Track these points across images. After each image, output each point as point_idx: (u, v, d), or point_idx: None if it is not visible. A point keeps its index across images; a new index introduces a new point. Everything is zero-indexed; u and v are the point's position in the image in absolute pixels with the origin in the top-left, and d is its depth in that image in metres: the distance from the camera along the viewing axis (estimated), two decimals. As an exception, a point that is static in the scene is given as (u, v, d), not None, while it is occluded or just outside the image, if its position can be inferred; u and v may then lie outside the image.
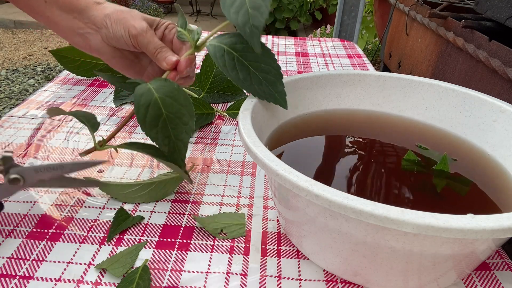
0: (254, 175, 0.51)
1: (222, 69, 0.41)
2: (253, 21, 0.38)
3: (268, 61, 0.41)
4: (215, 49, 0.42)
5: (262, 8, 0.38)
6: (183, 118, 0.41)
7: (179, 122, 0.41)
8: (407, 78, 0.49)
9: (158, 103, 0.40)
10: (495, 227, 0.25)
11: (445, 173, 0.39)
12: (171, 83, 0.41)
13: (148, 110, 0.39)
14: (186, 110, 0.41)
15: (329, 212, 0.30)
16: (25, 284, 0.34)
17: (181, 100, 0.40)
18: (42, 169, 0.38)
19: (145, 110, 0.39)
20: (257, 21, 0.38)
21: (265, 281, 0.36)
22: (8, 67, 2.68)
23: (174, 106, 0.40)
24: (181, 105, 0.40)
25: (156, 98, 0.40)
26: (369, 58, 1.87)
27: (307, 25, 3.94)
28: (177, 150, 0.41)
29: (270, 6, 0.39)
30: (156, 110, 0.40)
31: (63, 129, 0.59)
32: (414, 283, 0.33)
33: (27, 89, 2.37)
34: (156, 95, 0.40)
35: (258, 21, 0.38)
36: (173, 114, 0.40)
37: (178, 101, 0.40)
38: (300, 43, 1.10)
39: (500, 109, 0.42)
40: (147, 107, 0.39)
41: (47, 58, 2.89)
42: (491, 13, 0.78)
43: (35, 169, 0.38)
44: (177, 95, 0.40)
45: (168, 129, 0.40)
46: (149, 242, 0.40)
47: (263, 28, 0.38)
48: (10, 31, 3.50)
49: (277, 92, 0.41)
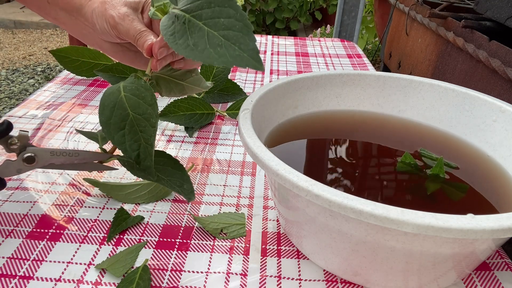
0: (254, 175, 0.51)
1: (169, 41, 0.33)
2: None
3: (230, 12, 0.32)
4: (166, 19, 0.34)
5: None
6: (150, 119, 0.35)
7: (147, 124, 0.35)
8: (407, 78, 0.49)
9: (123, 102, 0.35)
10: (495, 227, 0.25)
11: (440, 178, 0.39)
12: (138, 80, 0.36)
13: (114, 111, 0.35)
14: (153, 110, 0.35)
15: (329, 212, 0.30)
16: (25, 284, 0.34)
17: (148, 99, 0.35)
18: (57, 153, 0.38)
19: (110, 111, 0.35)
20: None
21: (265, 281, 0.36)
22: (8, 67, 2.68)
23: (141, 106, 0.35)
24: (149, 105, 0.35)
25: (122, 97, 0.35)
26: (369, 58, 1.87)
27: (307, 25, 3.94)
28: (148, 156, 0.36)
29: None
30: (122, 110, 0.35)
31: (63, 129, 0.59)
32: (414, 283, 0.33)
33: (27, 89, 2.37)
34: (123, 94, 0.35)
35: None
36: (140, 115, 0.35)
37: (145, 100, 0.35)
38: (300, 43, 1.10)
39: (500, 109, 0.42)
40: (112, 108, 0.35)
41: (47, 58, 2.89)
42: (491, 13, 0.78)
43: (51, 152, 0.38)
44: (144, 94, 0.35)
45: (137, 132, 0.35)
46: (149, 242, 0.40)
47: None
48: (10, 31, 3.50)
49: (246, 50, 0.31)
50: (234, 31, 0.31)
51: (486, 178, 0.40)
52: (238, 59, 0.31)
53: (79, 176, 0.49)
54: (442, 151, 0.45)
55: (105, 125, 0.35)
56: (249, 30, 0.31)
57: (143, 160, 0.36)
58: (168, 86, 0.42)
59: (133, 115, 0.35)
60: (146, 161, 0.36)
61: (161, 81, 0.41)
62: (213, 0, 0.32)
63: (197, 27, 0.32)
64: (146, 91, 0.35)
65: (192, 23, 0.32)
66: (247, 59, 0.30)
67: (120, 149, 0.36)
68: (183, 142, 0.58)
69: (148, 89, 0.36)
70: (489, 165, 0.41)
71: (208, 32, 0.31)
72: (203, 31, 0.32)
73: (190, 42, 0.32)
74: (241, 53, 0.31)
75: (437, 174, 0.39)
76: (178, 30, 0.33)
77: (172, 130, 0.61)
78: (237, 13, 0.31)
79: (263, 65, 0.30)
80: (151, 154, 0.36)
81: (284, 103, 0.46)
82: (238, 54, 0.31)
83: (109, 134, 0.35)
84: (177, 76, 0.41)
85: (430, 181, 0.39)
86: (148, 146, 0.36)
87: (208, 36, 0.31)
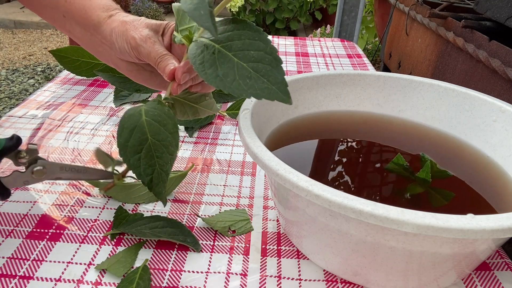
0: (254, 175, 0.51)
1: (198, 70, 0.33)
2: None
3: (260, 46, 0.32)
4: (194, 47, 0.35)
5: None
6: (169, 147, 0.36)
7: (165, 151, 0.36)
8: (407, 78, 0.49)
9: (144, 127, 0.35)
10: (495, 227, 0.25)
11: (426, 182, 0.39)
12: (162, 107, 0.37)
13: (132, 134, 0.35)
14: (173, 139, 0.36)
15: (329, 212, 0.30)
16: (25, 284, 0.34)
17: (170, 127, 0.36)
18: (66, 168, 0.39)
19: (128, 133, 0.35)
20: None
21: (265, 281, 0.36)
22: (8, 67, 2.68)
23: (161, 132, 0.36)
24: (169, 133, 0.36)
25: (143, 121, 0.35)
26: (369, 58, 1.87)
27: (307, 25, 3.94)
28: (161, 183, 0.36)
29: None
30: (141, 134, 0.35)
31: (63, 129, 0.59)
32: (414, 283, 0.33)
33: (27, 89, 2.37)
34: (144, 118, 0.36)
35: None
36: (159, 141, 0.36)
37: (166, 128, 0.36)
38: (300, 43, 1.10)
39: (500, 109, 0.42)
40: (131, 130, 0.35)
41: (47, 58, 2.89)
42: (491, 13, 0.78)
43: (60, 167, 0.39)
44: (166, 121, 0.36)
45: (153, 158, 0.36)
46: (149, 242, 0.40)
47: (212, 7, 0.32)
48: (10, 31, 3.50)
49: (274, 83, 0.31)
50: (264, 64, 0.32)
51: (486, 178, 0.40)
52: (266, 92, 0.31)
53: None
54: (442, 151, 0.45)
55: (122, 147, 0.35)
56: (278, 63, 0.32)
57: (155, 185, 0.36)
58: (182, 108, 0.42)
59: (152, 140, 0.35)
60: (158, 187, 0.36)
61: (177, 104, 0.42)
62: (243, 33, 0.33)
63: (227, 58, 0.32)
64: (168, 118, 0.36)
65: (222, 53, 0.33)
66: (275, 92, 0.31)
67: (134, 172, 0.36)
68: (183, 142, 0.58)
69: (171, 117, 0.36)
70: (489, 165, 0.41)
71: (238, 64, 0.32)
72: (233, 63, 0.32)
73: (219, 73, 0.32)
74: (269, 85, 0.31)
75: (424, 178, 0.39)
76: (207, 59, 0.33)
77: (172, 130, 0.61)
78: (267, 47, 0.32)
79: (291, 99, 0.31)
80: (165, 181, 0.36)
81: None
82: (266, 87, 0.31)
83: (125, 156, 0.35)
84: (192, 99, 0.42)
85: (417, 184, 0.39)
86: (162, 173, 0.36)
87: (237, 67, 0.32)
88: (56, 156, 0.52)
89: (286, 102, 0.31)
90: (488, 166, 0.41)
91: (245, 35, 0.33)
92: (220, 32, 0.34)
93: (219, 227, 0.41)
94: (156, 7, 3.57)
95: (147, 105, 0.37)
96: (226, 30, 0.34)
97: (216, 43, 0.33)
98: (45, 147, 0.54)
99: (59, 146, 0.55)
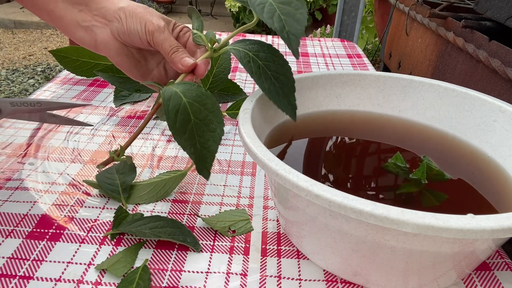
0: (254, 175, 0.51)
1: (250, 75, 0.41)
2: (290, 28, 0.37)
3: (287, 74, 0.41)
4: (240, 54, 0.41)
5: (296, 16, 0.37)
6: (210, 125, 0.38)
7: (205, 129, 0.38)
8: (407, 78, 0.49)
9: (187, 108, 0.38)
10: (495, 227, 0.25)
11: (421, 183, 0.39)
12: (199, 88, 0.39)
13: (177, 116, 0.37)
14: (214, 116, 0.39)
15: (329, 212, 0.30)
16: (25, 284, 0.34)
17: (209, 105, 0.39)
18: (18, 103, 0.39)
19: (174, 115, 0.37)
20: (294, 29, 0.37)
21: (265, 281, 0.36)
22: (8, 67, 2.68)
23: (202, 112, 0.38)
24: (209, 111, 0.38)
25: (185, 103, 0.38)
26: (369, 58, 1.87)
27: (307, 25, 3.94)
28: (202, 159, 0.38)
29: (306, 14, 0.38)
30: (185, 115, 0.38)
31: (63, 129, 0.59)
32: (414, 283, 0.33)
33: (27, 89, 2.37)
34: (185, 100, 0.38)
35: (295, 29, 0.37)
36: (200, 120, 0.38)
37: (206, 107, 0.38)
38: (300, 43, 1.10)
39: (500, 109, 0.42)
40: (176, 113, 0.37)
41: (47, 58, 2.89)
42: (491, 13, 0.78)
43: (11, 102, 0.39)
44: (206, 100, 0.38)
45: (194, 137, 0.38)
46: (149, 242, 0.40)
47: (302, 36, 0.38)
48: (10, 31, 3.50)
49: (290, 104, 0.42)
50: (286, 89, 0.42)
51: (486, 178, 0.40)
52: (284, 107, 0.41)
53: (79, 176, 0.49)
54: (442, 151, 0.45)
55: (172, 129, 0.38)
56: (294, 91, 0.42)
57: (197, 162, 0.39)
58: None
59: (194, 120, 0.38)
60: (200, 163, 0.39)
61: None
62: (276, 59, 0.42)
63: (268, 75, 0.41)
64: (207, 98, 0.39)
65: (264, 71, 0.41)
66: (288, 109, 0.41)
67: (185, 150, 0.38)
68: (183, 142, 0.58)
69: (209, 97, 0.39)
70: (489, 165, 0.41)
71: (274, 83, 0.41)
72: (271, 80, 0.41)
73: (265, 86, 0.41)
74: (287, 104, 0.41)
75: (419, 178, 0.39)
76: (256, 71, 0.41)
77: (172, 130, 0.61)
78: (291, 76, 0.42)
79: (296, 117, 0.42)
80: (206, 157, 0.39)
81: (284, 103, 0.46)
82: (286, 105, 0.41)
83: (176, 137, 0.38)
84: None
85: (411, 184, 0.39)
86: (203, 150, 0.38)
87: (274, 85, 0.41)
88: (56, 156, 0.52)
89: (293, 119, 0.42)
90: (488, 166, 0.41)
91: (277, 61, 0.42)
92: (257, 49, 0.42)
93: (219, 227, 0.41)
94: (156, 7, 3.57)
95: (178, 87, 0.39)
96: (262, 50, 0.42)
97: (259, 59, 0.41)
98: (45, 147, 0.54)
99: (59, 146, 0.55)
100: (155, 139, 0.58)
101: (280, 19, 0.37)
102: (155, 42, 0.42)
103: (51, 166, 0.50)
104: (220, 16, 4.40)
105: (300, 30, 0.37)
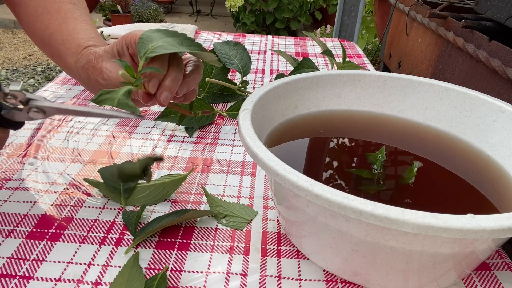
0: (254, 175, 0.51)
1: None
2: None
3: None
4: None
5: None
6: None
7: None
8: (407, 78, 0.49)
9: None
10: (495, 227, 0.25)
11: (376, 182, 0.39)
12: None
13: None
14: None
15: (329, 212, 0.30)
16: (25, 284, 0.34)
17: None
18: (63, 110, 0.38)
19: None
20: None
21: (265, 281, 0.36)
22: (8, 67, 2.68)
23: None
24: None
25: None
26: (369, 58, 1.86)
27: (307, 25, 3.94)
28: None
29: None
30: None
31: (63, 129, 0.59)
32: (414, 283, 0.33)
33: (27, 89, 2.37)
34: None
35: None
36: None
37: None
38: (300, 43, 1.10)
39: (500, 109, 0.42)
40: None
41: (47, 58, 2.88)
42: (491, 13, 0.78)
43: (58, 109, 0.38)
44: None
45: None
46: (149, 242, 0.40)
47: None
48: (10, 31, 3.50)
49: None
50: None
51: (486, 178, 0.40)
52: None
53: (79, 176, 0.49)
54: (442, 151, 0.45)
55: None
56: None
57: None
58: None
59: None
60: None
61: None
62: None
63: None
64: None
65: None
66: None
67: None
68: (183, 142, 0.58)
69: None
70: (489, 165, 0.41)
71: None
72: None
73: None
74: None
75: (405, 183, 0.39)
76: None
77: (172, 130, 0.61)
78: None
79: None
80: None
81: (284, 103, 0.46)
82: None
83: None
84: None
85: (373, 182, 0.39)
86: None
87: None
88: (56, 156, 0.52)
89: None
90: (488, 166, 0.41)
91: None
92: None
93: (216, 210, 0.42)
94: (156, 7, 3.57)
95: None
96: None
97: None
98: (45, 147, 0.54)
99: (59, 146, 0.55)
100: (155, 139, 0.58)
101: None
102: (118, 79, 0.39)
103: (51, 166, 0.50)
104: (220, 16, 4.40)
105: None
